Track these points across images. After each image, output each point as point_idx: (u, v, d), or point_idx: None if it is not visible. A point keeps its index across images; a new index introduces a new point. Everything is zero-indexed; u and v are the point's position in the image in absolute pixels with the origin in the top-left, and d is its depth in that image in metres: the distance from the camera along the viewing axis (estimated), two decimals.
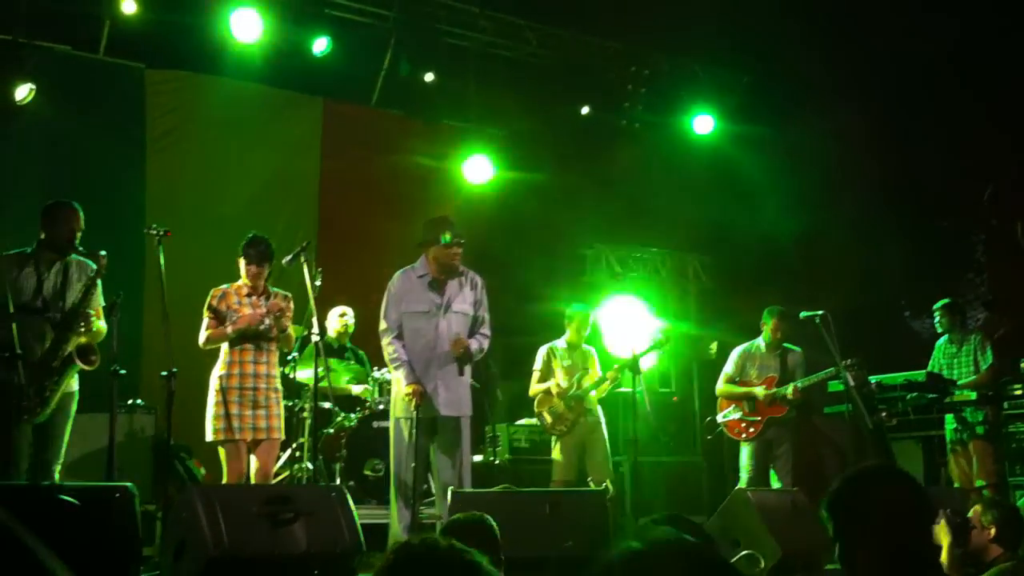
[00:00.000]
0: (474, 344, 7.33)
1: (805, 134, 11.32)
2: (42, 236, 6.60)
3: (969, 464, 8.97)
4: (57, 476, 6.42)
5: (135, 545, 5.10)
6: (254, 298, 7.18)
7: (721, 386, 9.45)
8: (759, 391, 9.15)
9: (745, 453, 9.21)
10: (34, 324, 6.39)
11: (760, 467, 9.10)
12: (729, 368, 9.44)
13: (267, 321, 7.06)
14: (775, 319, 9.30)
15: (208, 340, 7.11)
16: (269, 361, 7.17)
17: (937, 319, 9.33)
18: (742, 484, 8.88)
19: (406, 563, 1.85)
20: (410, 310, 7.29)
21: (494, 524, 4.06)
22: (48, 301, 6.49)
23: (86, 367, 6.43)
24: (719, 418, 9.43)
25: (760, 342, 9.40)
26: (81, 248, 6.60)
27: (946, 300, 9.36)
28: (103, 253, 6.59)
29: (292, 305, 7.32)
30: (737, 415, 9.25)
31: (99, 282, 6.66)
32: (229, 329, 7.03)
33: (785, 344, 9.34)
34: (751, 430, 9.15)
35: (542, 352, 9.27)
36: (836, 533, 2.81)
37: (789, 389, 9.01)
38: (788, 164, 11.55)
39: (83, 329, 6.49)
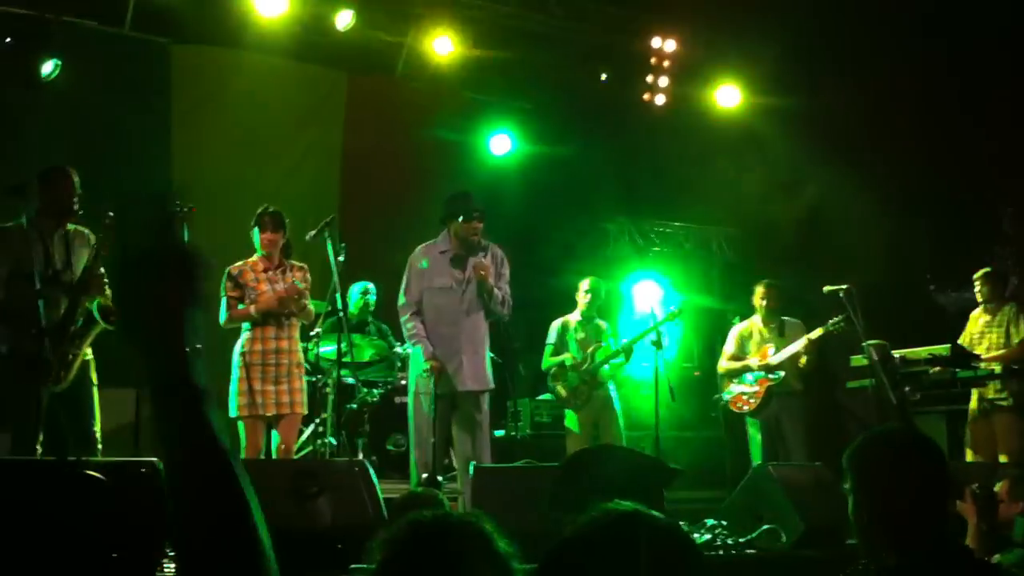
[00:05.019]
0: (497, 292, 7.34)
1: (830, 108, 11.24)
2: (40, 204, 6.58)
3: (989, 438, 8.93)
4: (99, 440, 6.50)
5: (162, 520, 5.15)
6: (271, 272, 7.21)
7: (723, 365, 9.55)
8: (753, 362, 9.24)
9: (752, 431, 9.31)
10: (47, 293, 6.43)
11: (769, 443, 9.17)
12: (730, 347, 9.54)
13: (289, 304, 7.11)
14: (761, 288, 9.46)
15: (231, 319, 7.14)
16: (291, 336, 7.21)
17: (977, 288, 9.24)
18: (756, 460, 8.91)
19: (420, 538, 1.85)
20: (433, 286, 7.31)
21: (446, 501, 4.21)
22: (58, 270, 6.52)
23: (108, 327, 6.47)
24: (724, 396, 9.52)
25: (756, 318, 9.49)
26: (81, 212, 6.64)
27: (986, 269, 9.26)
28: (110, 214, 6.61)
29: (309, 276, 7.37)
30: (739, 389, 9.34)
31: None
32: (252, 309, 7.07)
33: (784, 317, 9.42)
34: (752, 401, 9.24)
35: (555, 325, 9.28)
36: (853, 488, 2.86)
37: (792, 350, 9.07)
38: (813, 137, 11.48)
39: (96, 292, 6.52)
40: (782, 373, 9.17)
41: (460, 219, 7.28)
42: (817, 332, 9.04)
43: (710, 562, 5.77)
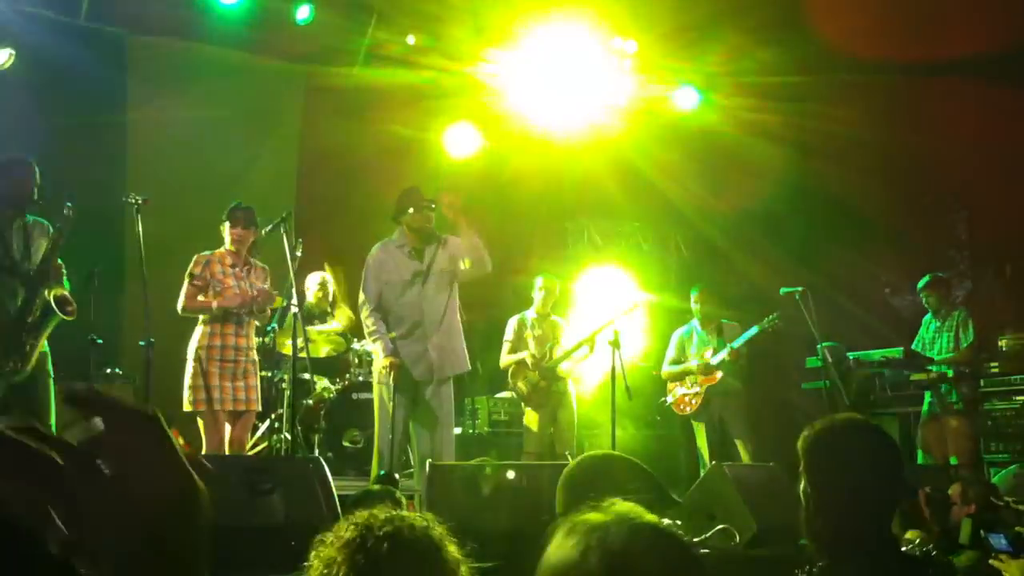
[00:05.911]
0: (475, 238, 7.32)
1: (789, 108, 11.30)
2: None
3: (940, 440, 9.04)
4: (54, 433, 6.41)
5: None
6: (237, 269, 7.19)
7: (665, 369, 9.72)
8: (692, 365, 9.38)
9: (699, 435, 9.47)
10: (4, 283, 6.37)
11: (717, 445, 9.31)
12: (671, 352, 9.77)
13: (253, 306, 7.12)
14: (696, 294, 9.74)
15: (190, 308, 7.09)
16: (248, 334, 7.21)
17: (924, 300, 9.37)
18: (704, 467, 9.00)
19: (367, 543, 1.83)
20: (392, 280, 7.34)
21: (403, 499, 4.23)
22: (16, 260, 6.46)
23: (66, 317, 6.42)
24: (668, 400, 9.67)
25: (695, 323, 9.66)
26: (41, 203, 6.58)
27: (927, 278, 9.36)
28: (69, 204, 6.56)
29: (269, 279, 7.39)
30: (681, 391, 9.49)
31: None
32: (214, 304, 7.03)
33: (722, 320, 9.60)
34: (693, 402, 9.44)
35: (512, 323, 9.33)
36: (804, 468, 2.85)
37: (726, 352, 9.22)
38: (771, 138, 11.54)
39: (54, 282, 6.47)
40: (720, 373, 9.33)
41: (411, 211, 7.33)
42: (752, 331, 9.22)
43: None
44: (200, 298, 7.10)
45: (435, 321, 7.32)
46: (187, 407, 7.03)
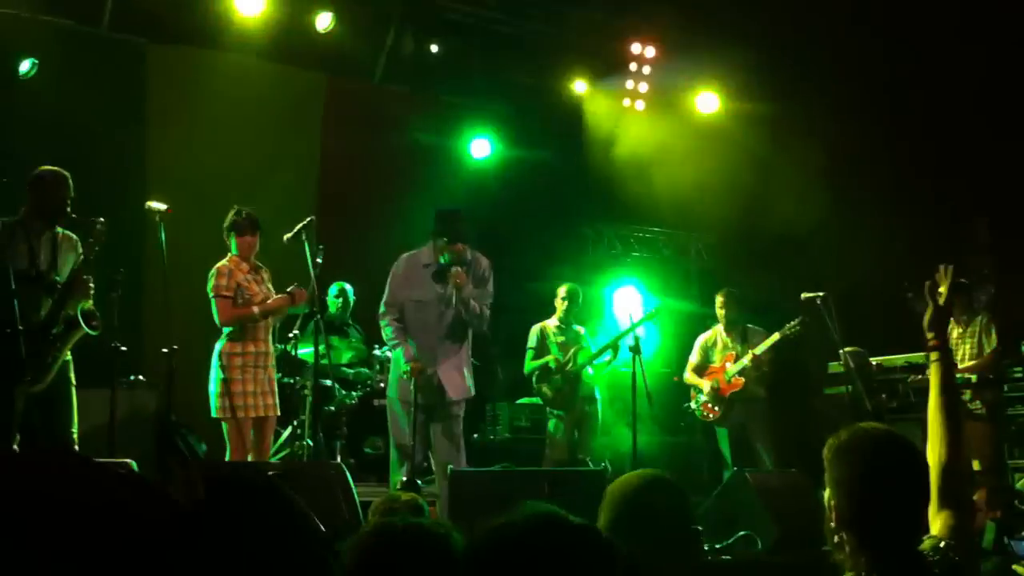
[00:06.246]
0: (473, 304, 7.28)
1: (810, 113, 11.27)
2: (30, 204, 6.56)
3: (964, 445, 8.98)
4: (76, 441, 6.45)
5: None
6: (253, 275, 7.23)
7: (686, 375, 9.70)
8: (706, 384, 9.42)
9: (721, 439, 9.44)
10: (29, 293, 6.38)
11: (739, 451, 9.28)
12: (693, 357, 9.73)
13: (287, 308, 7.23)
14: (720, 298, 9.63)
15: (232, 319, 7.09)
16: (268, 339, 7.25)
17: None
18: (728, 472, 8.97)
19: (385, 545, 1.84)
20: (414, 298, 7.30)
21: (425, 505, 4.26)
22: (42, 271, 6.48)
23: (91, 332, 6.44)
24: (692, 405, 9.64)
25: (719, 327, 9.60)
26: (74, 216, 6.60)
27: None
28: (102, 220, 6.58)
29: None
30: (704, 398, 9.46)
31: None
32: (256, 310, 7.07)
33: (749, 325, 9.55)
34: (716, 409, 9.38)
35: (535, 330, 9.35)
36: (828, 480, 2.81)
37: (746, 358, 9.17)
38: (792, 143, 11.51)
39: (81, 296, 6.48)
40: (743, 379, 9.29)
41: (444, 241, 7.21)
42: (774, 337, 9.15)
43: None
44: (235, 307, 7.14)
45: (446, 349, 7.28)
46: (215, 414, 7.06)
